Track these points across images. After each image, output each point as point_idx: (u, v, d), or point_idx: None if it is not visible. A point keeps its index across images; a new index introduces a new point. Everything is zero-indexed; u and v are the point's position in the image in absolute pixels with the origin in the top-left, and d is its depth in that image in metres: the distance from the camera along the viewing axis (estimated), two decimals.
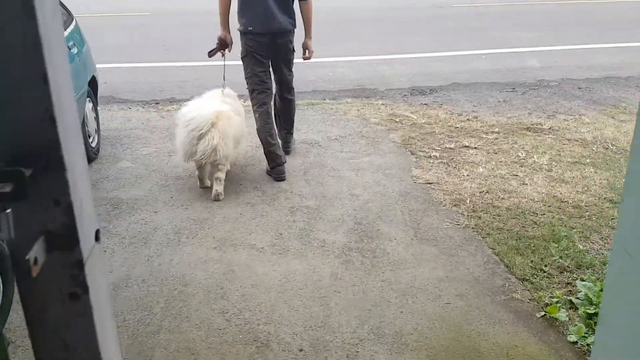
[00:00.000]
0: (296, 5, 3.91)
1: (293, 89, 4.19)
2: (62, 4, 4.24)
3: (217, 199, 3.61)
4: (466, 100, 5.98)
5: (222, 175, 3.65)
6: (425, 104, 5.81)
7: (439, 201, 3.60)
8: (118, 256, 2.99)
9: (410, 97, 6.11)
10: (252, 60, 3.84)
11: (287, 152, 4.27)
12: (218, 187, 3.63)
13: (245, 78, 3.94)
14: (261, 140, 3.96)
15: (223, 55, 3.95)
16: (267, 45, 3.81)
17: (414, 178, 3.95)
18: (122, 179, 3.97)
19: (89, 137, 4.20)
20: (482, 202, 3.56)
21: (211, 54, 3.95)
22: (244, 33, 3.82)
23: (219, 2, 3.80)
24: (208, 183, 3.79)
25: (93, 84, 4.46)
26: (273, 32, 3.77)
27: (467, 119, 5.28)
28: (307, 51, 4.09)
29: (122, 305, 2.57)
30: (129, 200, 3.63)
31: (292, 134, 4.39)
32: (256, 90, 3.91)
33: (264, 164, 4.14)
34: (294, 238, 3.16)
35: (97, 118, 4.52)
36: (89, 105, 4.24)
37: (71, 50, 3.95)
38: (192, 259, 2.95)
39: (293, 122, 4.34)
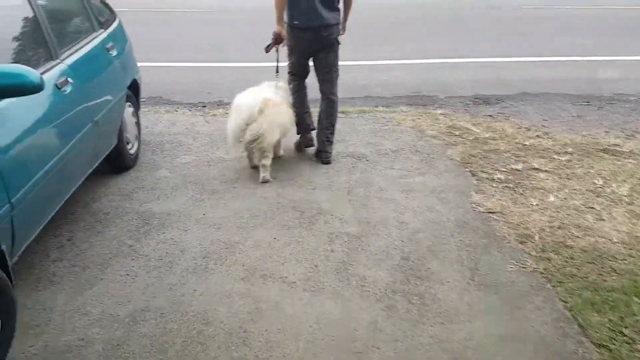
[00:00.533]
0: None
1: (336, 92, 4.16)
2: (103, 2, 4.09)
3: (265, 181, 3.85)
4: (536, 112, 5.42)
5: (267, 162, 3.86)
6: (490, 116, 5.31)
7: (502, 236, 3.14)
8: (140, 282, 2.74)
9: (473, 107, 5.61)
10: (295, 56, 4.14)
11: (326, 162, 4.14)
12: (265, 174, 3.85)
13: (288, 67, 4.24)
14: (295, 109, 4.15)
15: (277, 50, 4.09)
16: (311, 41, 3.99)
17: (474, 205, 3.50)
18: (157, 190, 3.76)
19: (128, 143, 4.01)
20: (552, 240, 3.08)
21: (268, 49, 4.06)
22: (290, 26, 4.01)
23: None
24: (257, 163, 3.93)
25: (135, 87, 4.28)
26: (316, 27, 3.93)
27: (537, 135, 4.74)
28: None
29: (135, 344, 2.31)
30: (161, 215, 3.40)
31: (331, 142, 4.18)
32: (294, 76, 4.20)
33: (304, 179, 3.84)
34: (331, 272, 2.81)
35: (138, 123, 4.33)
36: (128, 110, 4.06)
37: (110, 52, 3.76)
38: (217, 291, 2.66)
39: (334, 127, 4.19)
